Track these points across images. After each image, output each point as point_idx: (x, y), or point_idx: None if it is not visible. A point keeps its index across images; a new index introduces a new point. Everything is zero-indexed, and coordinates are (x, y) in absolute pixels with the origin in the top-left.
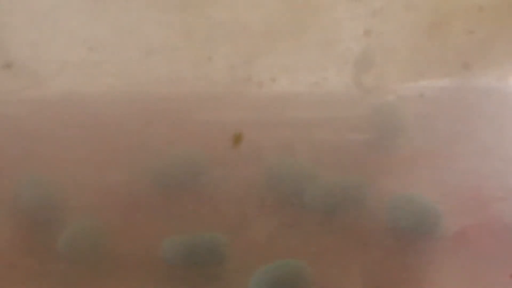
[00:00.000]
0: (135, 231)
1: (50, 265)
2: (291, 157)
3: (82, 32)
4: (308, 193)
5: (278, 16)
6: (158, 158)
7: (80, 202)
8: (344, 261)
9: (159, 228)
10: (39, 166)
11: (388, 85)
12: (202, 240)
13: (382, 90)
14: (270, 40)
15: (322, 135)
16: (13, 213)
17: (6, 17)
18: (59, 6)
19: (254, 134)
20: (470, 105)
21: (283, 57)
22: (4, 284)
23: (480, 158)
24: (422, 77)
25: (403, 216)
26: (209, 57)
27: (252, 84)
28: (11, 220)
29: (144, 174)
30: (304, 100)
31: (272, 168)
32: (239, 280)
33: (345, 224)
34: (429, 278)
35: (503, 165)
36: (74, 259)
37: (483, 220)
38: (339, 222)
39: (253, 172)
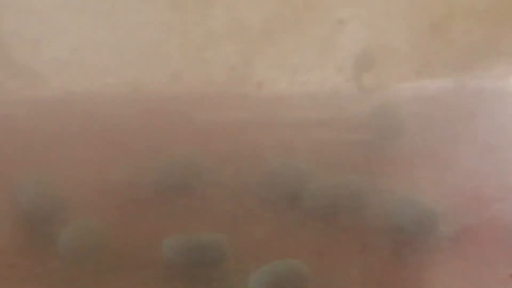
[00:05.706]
0: (135, 231)
1: (50, 265)
2: (291, 157)
3: (82, 32)
4: (308, 193)
5: (278, 16)
6: (158, 158)
7: (80, 202)
8: (344, 261)
9: (159, 228)
10: (39, 166)
11: (388, 85)
12: (202, 240)
13: (382, 90)
14: (269, 40)
15: (322, 135)
16: (13, 213)
17: (6, 17)
18: (60, 6)
19: (254, 134)
20: (470, 105)
21: (283, 57)
22: (4, 284)
23: (480, 158)
24: (422, 77)
25: (403, 216)
26: (209, 57)
27: (252, 84)
28: (11, 220)
29: (144, 174)
30: (304, 100)
31: (272, 168)
32: (239, 280)
33: (345, 224)
34: (429, 278)
35: (503, 165)
36: (74, 259)
37: (483, 220)
38: (339, 222)
39: (253, 172)
